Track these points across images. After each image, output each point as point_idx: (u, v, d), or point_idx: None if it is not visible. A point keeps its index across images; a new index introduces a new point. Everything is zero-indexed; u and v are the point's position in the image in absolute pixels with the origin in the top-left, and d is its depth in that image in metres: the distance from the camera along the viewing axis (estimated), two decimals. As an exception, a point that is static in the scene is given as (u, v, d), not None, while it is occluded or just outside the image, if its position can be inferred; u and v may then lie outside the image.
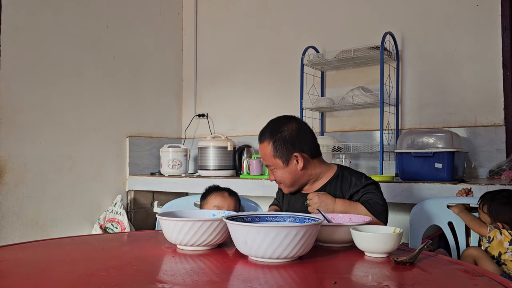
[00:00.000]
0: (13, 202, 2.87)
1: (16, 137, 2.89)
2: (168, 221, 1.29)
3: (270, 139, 1.72)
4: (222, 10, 3.94)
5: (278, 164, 1.72)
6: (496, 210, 1.88)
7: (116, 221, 3.28)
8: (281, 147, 1.70)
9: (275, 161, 1.71)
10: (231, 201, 1.90)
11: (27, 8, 2.96)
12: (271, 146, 1.71)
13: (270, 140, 1.72)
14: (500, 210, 1.87)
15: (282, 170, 1.72)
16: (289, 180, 1.74)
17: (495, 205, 1.89)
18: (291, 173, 1.72)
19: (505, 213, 1.86)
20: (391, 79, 3.05)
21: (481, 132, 2.80)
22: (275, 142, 1.70)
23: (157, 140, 3.79)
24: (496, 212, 1.88)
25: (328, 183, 1.76)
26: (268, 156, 1.73)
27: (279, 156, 1.71)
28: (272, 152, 1.71)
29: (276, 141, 1.70)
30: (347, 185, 1.73)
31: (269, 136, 1.73)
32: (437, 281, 1.06)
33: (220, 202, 1.88)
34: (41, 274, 1.09)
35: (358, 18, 3.26)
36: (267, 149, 1.72)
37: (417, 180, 2.42)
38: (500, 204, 1.88)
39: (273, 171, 1.75)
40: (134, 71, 3.65)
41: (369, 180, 1.74)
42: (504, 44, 2.76)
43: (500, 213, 1.87)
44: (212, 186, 1.98)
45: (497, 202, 1.89)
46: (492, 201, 1.91)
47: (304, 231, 1.11)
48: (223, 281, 1.04)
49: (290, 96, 3.39)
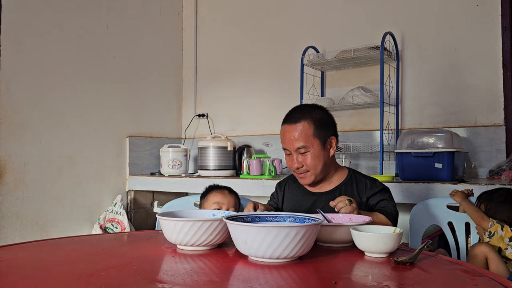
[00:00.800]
0: (13, 202, 2.87)
1: (16, 137, 2.89)
2: (168, 221, 1.29)
3: (309, 119, 1.66)
4: (222, 10, 3.95)
5: (315, 145, 1.65)
6: (494, 209, 1.88)
7: (116, 221, 3.28)
8: (321, 127, 1.66)
9: (314, 141, 1.65)
10: (231, 198, 1.90)
11: (27, 8, 2.96)
12: (312, 125, 1.65)
13: (309, 119, 1.65)
14: (497, 209, 1.87)
15: (318, 153, 1.65)
16: (321, 165, 1.67)
17: (493, 204, 1.89)
18: (325, 158, 1.67)
19: (503, 212, 1.86)
20: (391, 79, 3.05)
21: (481, 132, 2.80)
22: (315, 121, 1.66)
23: (157, 140, 3.79)
24: (494, 211, 1.88)
25: (343, 184, 1.73)
26: (306, 136, 1.64)
27: (319, 136, 1.65)
28: (313, 131, 1.65)
29: (316, 120, 1.66)
30: (363, 188, 1.71)
31: (308, 115, 1.66)
32: (437, 281, 1.06)
33: (221, 199, 1.88)
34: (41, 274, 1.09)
35: (358, 18, 3.26)
36: (305, 128, 1.65)
37: (417, 180, 2.42)
38: (497, 203, 1.88)
39: (304, 155, 1.66)
40: (134, 71, 3.65)
41: (383, 185, 1.73)
42: (504, 44, 2.76)
43: (498, 212, 1.87)
44: (212, 185, 1.98)
45: (495, 201, 1.89)
46: (490, 201, 1.91)
47: (304, 231, 1.11)
48: (223, 281, 1.04)
49: (290, 96, 3.39)
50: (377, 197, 1.69)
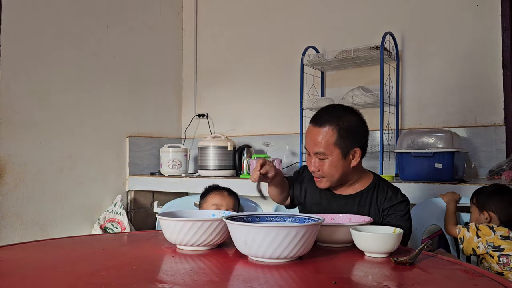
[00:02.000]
0: (13, 202, 2.86)
1: (16, 137, 2.89)
2: (168, 221, 1.29)
3: (335, 125, 1.55)
4: (222, 10, 3.94)
5: (334, 154, 1.56)
6: (484, 199, 1.90)
7: (116, 221, 3.28)
8: (346, 137, 1.55)
9: (334, 150, 1.55)
10: (230, 200, 1.91)
11: (27, 8, 2.96)
12: (336, 133, 1.55)
13: (335, 126, 1.55)
14: (487, 199, 1.89)
15: (336, 163, 1.56)
16: (338, 175, 1.59)
17: (483, 195, 1.92)
18: (344, 168, 1.58)
19: (492, 202, 1.88)
20: (391, 79, 3.05)
21: (481, 132, 2.80)
22: (340, 130, 1.55)
23: (157, 140, 3.79)
24: (484, 200, 1.90)
25: (365, 191, 1.65)
26: (327, 143, 1.55)
27: (341, 146, 1.55)
28: (335, 140, 1.55)
29: (342, 129, 1.55)
30: (383, 197, 1.62)
31: (335, 121, 1.56)
32: (437, 281, 1.06)
33: (219, 200, 1.88)
34: (41, 274, 1.09)
35: (358, 18, 3.26)
36: (328, 134, 1.55)
37: (417, 180, 2.42)
38: (487, 194, 1.91)
39: (322, 161, 1.58)
40: (134, 71, 3.65)
41: (404, 197, 1.64)
42: (504, 44, 2.76)
43: (487, 201, 1.89)
44: (212, 185, 1.98)
45: (485, 193, 1.93)
46: (480, 192, 1.95)
47: (304, 231, 1.12)
48: (223, 281, 1.04)
49: (290, 96, 3.39)
50: (392, 211, 1.60)
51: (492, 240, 1.79)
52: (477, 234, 1.82)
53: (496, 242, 1.78)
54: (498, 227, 1.81)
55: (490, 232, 1.80)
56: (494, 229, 1.80)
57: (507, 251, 1.76)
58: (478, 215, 1.91)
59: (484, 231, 1.81)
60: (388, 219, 1.60)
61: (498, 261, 1.77)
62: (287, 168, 3.43)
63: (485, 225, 1.83)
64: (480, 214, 1.90)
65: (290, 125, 3.35)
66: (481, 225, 1.84)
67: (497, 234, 1.79)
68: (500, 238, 1.78)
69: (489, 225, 1.83)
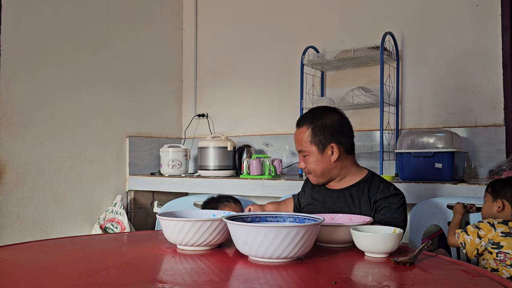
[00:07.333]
0: (13, 202, 2.86)
1: (16, 137, 2.89)
2: (168, 221, 1.29)
3: (309, 124, 1.70)
4: (222, 10, 3.94)
5: (312, 151, 1.70)
6: (499, 186, 1.91)
7: (116, 221, 3.28)
8: (319, 134, 1.69)
9: (311, 147, 1.70)
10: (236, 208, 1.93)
11: (27, 8, 2.96)
12: (310, 131, 1.70)
13: (309, 125, 1.70)
14: (502, 187, 1.90)
15: (316, 158, 1.70)
16: (320, 169, 1.71)
17: (499, 183, 1.93)
18: (324, 163, 1.70)
19: (507, 190, 1.88)
20: (391, 79, 3.05)
21: (481, 132, 2.80)
22: (314, 128, 1.69)
23: (157, 140, 3.79)
24: (499, 187, 1.91)
25: (356, 184, 1.72)
26: (304, 142, 1.71)
27: (316, 143, 1.69)
28: (310, 138, 1.70)
29: (316, 127, 1.69)
30: (375, 190, 1.68)
31: (310, 121, 1.71)
32: (437, 281, 1.06)
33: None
34: (41, 274, 1.09)
35: (358, 18, 3.26)
36: (304, 134, 1.70)
37: (417, 180, 2.42)
38: (503, 183, 1.93)
39: (305, 158, 1.73)
40: (134, 71, 3.65)
41: (397, 191, 1.68)
42: (504, 44, 2.76)
43: (502, 190, 1.89)
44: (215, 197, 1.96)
45: (501, 181, 1.94)
46: (496, 182, 1.96)
47: (304, 231, 1.12)
48: (223, 281, 1.04)
49: (290, 96, 3.39)
50: (385, 203, 1.64)
51: (493, 237, 1.79)
52: (478, 235, 1.82)
53: (496, 239, 1.78)
54: (498, 224, 1.81)
55: (491, 229, 1.80)
56: (495, 226, 1.80)
57: (505, 249, 1.76)
58: (491, 203, 1.90)
59: (485, 230, 1.81)
60: (382, 211, 1.64)
61: (496, 257, 1.77)
62: (287, 168, 3.43)
63: (486, 223, 1.83)
64: (493, 202, 1.90)
65: (290, 125, 3.30)
66: (481, 224, 1.83)
67: (497, 230, 1.79)
68: (500, 235, 1.78)
69: (490, 222, 1.83)
